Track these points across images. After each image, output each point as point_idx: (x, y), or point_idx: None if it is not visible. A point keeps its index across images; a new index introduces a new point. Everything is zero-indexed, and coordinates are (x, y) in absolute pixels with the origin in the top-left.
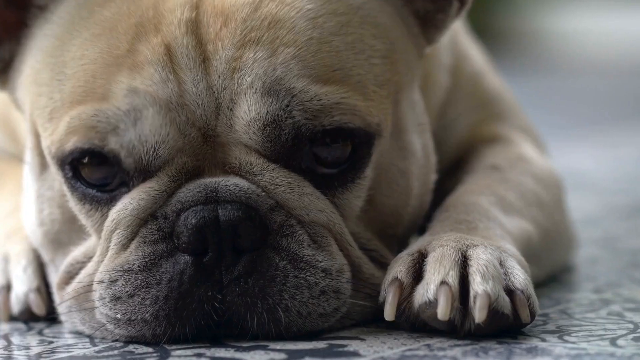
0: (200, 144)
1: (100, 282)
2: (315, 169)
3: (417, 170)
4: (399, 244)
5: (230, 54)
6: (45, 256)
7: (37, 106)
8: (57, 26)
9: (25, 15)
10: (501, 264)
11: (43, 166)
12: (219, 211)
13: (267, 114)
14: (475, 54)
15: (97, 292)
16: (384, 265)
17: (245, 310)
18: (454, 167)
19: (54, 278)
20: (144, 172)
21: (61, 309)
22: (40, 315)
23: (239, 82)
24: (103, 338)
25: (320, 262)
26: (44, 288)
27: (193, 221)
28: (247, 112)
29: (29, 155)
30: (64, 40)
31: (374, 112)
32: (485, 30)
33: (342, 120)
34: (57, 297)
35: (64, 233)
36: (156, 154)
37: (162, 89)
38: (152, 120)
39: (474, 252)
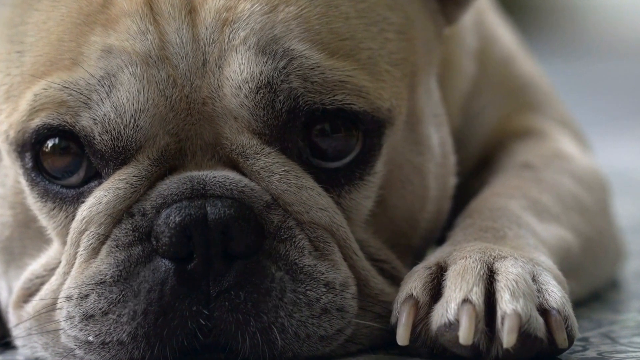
0: (185, 114)
1: (68, 298)
2: (316, 162)
3: (434, 168)
4: (414, 257)
5: (222, 4)
6: None
7: None
8: None
9: None
10: (534, 279)
11: None
12: (208, 208)
13: (260, 74)
14: (504, 34)
15: (64, 310)
16: (396, 280)
17: (235, 329)
18: (479, 167)
19: (5, 296)
20: (123, 153)
21: (18, 332)
22: None
23: (231, 36)
24: None
25: (322, 273)
26: None
27: (177, 219)
28: (238, 71)
29: None
30: (24, 8)
31: (384, 96)
32: (514, 5)
33: (346, 101)
34: (13, 318)
35: (17, 240)
36: (136, 125)
37: (139, 41)
38: (128, 85)
39: (502, 264)
